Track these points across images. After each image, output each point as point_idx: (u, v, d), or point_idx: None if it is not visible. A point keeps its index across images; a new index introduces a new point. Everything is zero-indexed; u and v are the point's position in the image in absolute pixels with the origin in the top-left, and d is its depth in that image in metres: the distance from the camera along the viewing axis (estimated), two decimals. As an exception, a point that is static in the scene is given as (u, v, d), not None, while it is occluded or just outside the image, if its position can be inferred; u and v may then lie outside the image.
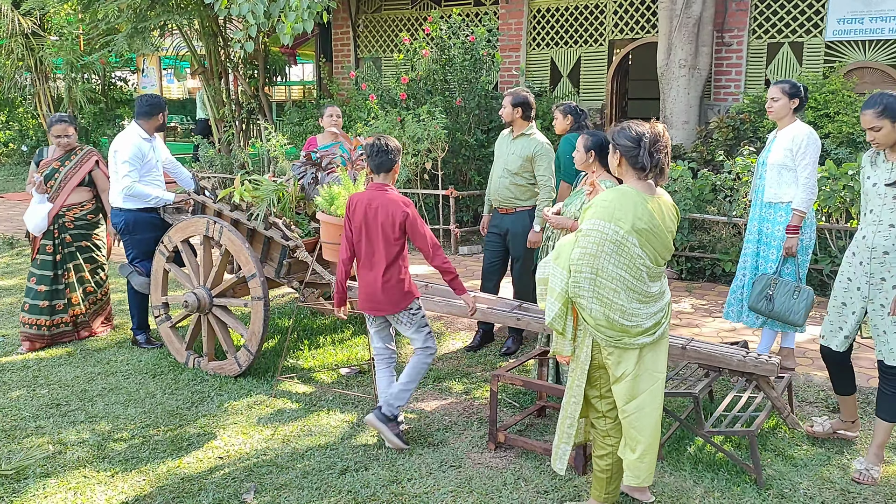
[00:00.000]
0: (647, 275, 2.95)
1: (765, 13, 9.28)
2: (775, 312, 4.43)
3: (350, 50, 12.80)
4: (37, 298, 5.25)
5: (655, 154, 2.95)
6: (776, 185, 4.56)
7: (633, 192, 2.96)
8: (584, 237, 2.93)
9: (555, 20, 10.84)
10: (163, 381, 4.70)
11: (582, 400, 3.08)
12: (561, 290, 2.98)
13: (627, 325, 2.91)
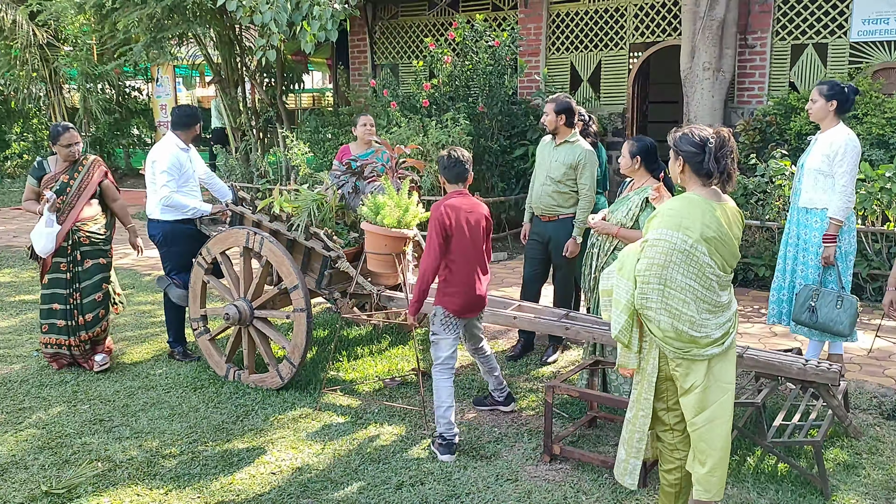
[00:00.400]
0: (717, 284, 2.88)
1: (788, 14, 9.21)
2: (819, 324, 4.35)
3: (367, 57, 12.77)
4: (54, 317, 4.98)
5: (722, 159, 2.87)
6: (812, 190, 4.49)
7: (700, 200, 2.88)
8: (650, 247, 2.85)
9: (574, 24, 10.79)
10: (205, 395, 4.65)
11: (651, 413, 3.02)
12: (627, 302, 2.91)
13: (697, 336, 2.84)
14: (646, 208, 4.11)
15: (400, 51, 12.49)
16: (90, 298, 5.00)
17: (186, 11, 9.89)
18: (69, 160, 4.95)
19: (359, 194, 4.75)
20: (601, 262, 4.34)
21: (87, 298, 4.99)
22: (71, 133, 4.92)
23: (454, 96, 9.51)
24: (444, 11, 11.91)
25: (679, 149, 2.95)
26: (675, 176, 3.02)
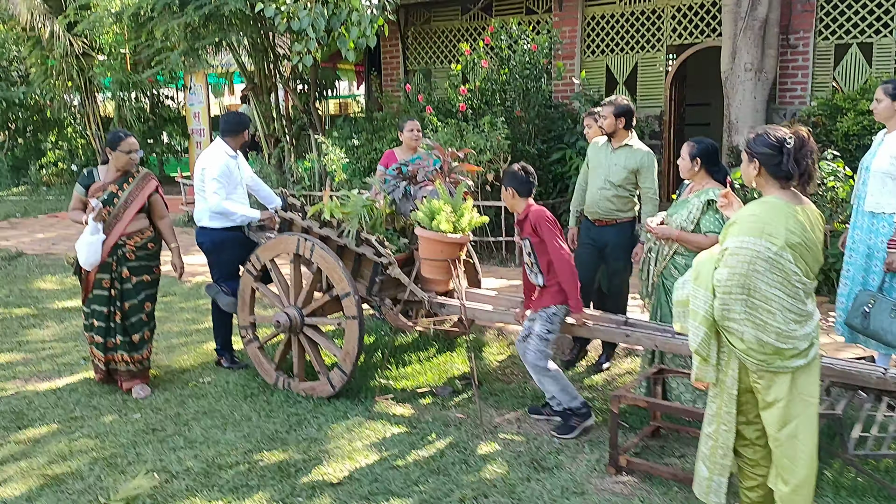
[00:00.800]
0: (803, 292, 2.75)
1: (831, 14, 9.02)
2: (870, 331, 4.17)
3: (399, 62, 12.75)
4: (92, 332, 4.78)
5: (803, 160, 2.75)
6: (878, 193, 4.32)
7: (782, 204, 2.76)
8: (731, 255, 2.72)
9: (609, 27, 10.67)
10: (256, 403, 4.60)
11: (734, 428, 2.88)
12: (705, 314, 2.79)
13: (783, 348, 2.72)
14: (707, 211, 3.98)
15: (433, 56, 12.45)
16: (136, 318, 4.77)
17: (223, 19, 9.93)
18: (126, 168, 4.69)
19: (409, 199, 4.68)
20: (660, 267, 4.22)
21: (134, 317, 4.77)
22: (132, 140, 4.70)
23: (490, 101, 9.43)
24: (477, 16, 11.85)
25: (754, 151, 2.83)
26: (750, 179, 2.90)
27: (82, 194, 4.74)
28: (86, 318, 4.84)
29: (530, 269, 4.15)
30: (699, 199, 4.04)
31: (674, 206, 4.26)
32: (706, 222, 3.97)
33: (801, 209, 2.78)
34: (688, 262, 4.06)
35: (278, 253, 4.72)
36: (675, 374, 4.01)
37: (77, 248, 4.64)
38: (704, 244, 3.94)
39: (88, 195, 4.71)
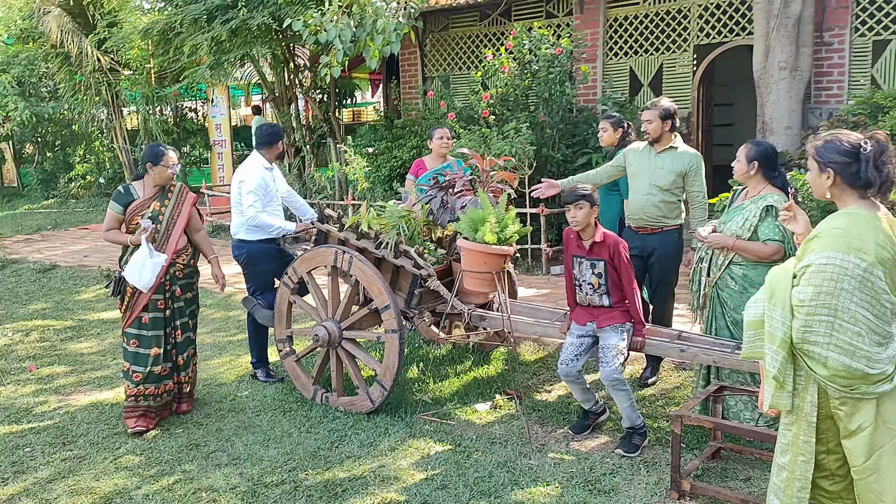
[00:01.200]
0: (891, 312, 2.53)
1: (868, 9, 8.81)
2: None
3: (417, 69, 12.67)
4: (148, 363, 4.39)
5: (883, 167, 2.54)
6: None
7: (867, 215, 2.54)
8: (816, 273, 2.50)
9: (633, 28, 10.51)
10: (295, 419, 4.50)
11: (813, 458, 2.66)
12: (784, 336, 2.56)
13: (871, 373, 2.50)
14: (766, 218, 3.82)
15: (451, 62, 12.35)
16: (186, 336, 4.58)
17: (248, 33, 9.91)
18: (166, 183, 4.47)
19: (447, 209, 4.56)
20: (715, 278, 4.06)
21: (184, 336, 4.57)
22: (173, 154, 4.48)
23: (513, 106, 9.32)
24: (497, 21, 11.75)
25: (827, 159, 2.61)
26: (822, 190, 2.67)
27: (120, 212, 4.43)
28: (141, 345, 4.42)
29: (595, 289, 4.03)
30: (756, 205, 3.88)
31: (727, 213, 4.11)
32: (765, 229, 3.81)
33: (886, 220, 2.57)
34: (745, 272, 3.91)
35: (315, 266, 4.62)
36: (737, 392, 3.84)
37: (130, 271, 4.31)
38: (764, 253, 3.79)
39: (127, 214, 4.41)
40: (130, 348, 4.44)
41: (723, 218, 4.12)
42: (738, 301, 3.94)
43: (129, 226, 4.44)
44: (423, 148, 10.38)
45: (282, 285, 4.77)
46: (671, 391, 4.78)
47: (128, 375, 4.44)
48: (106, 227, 4.52)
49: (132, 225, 4.41)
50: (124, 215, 4.45)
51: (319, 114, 11.82)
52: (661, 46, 10.37)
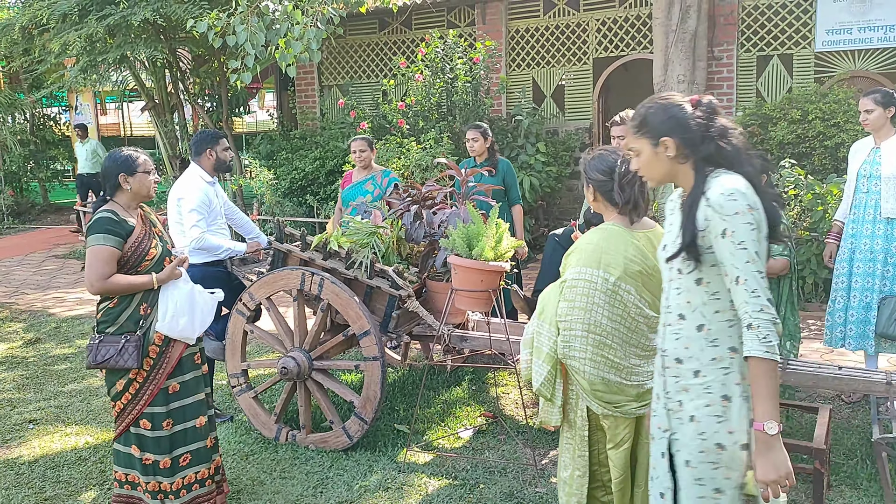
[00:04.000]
0: (647, 326, 2.56)
1: (752, 27, 9.39)
2: None
3: (314, 78, 12.20)
4: (185, 441, 3.35)
5: (627, 187, 2.57)
6: (894, 199, 4.37)
7: (620, 231, 2.58)
8: (570, 288, 2.55)
9: (535, 40, 10.65)
10: (262, 463, 4.03)
11: (587, 473, 2.68)
12: (549, 351, 2.59)
13: (626, 385, 2.54)
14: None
15: (350, 71, 11.99)
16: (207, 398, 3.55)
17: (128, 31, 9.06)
18: (148, 196, 3.32)
19: (422, 224, 4.27)
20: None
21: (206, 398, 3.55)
22: (146, 155, 3.39)
23: (428, 115, 9.13)
24: (398, 30, 11.54)
25: (589, 176, 2.67)
26: (591, 204, 2.76)
27: (119, 248, 3.16)
28: (177, 420, 3.32)
29: None
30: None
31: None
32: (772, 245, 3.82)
33: (645, 234, 2.61)
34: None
35: (277, 290, 4.18)
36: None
37: (172, 323, 3.21)
38: (773, 269, 3.82)
39: (126, 250, 3.19)
40: (149, 434, 3.28)
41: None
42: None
43: (130, 268, 3.21)
44: (326, 159, 9.97)
45: (235, 313, 4.27)
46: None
47: (124, 460, 3.31)
48: (101, 273, 3.11)
49: (141, 267, 3.23)
50: (123, 250, 3.18)
51: (210, 123, 11.06)
52: (561, 59, 10.56)
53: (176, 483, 3.32)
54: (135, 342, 3.16)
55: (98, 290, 3.17)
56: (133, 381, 3.23)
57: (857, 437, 4.04)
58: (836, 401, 4.58)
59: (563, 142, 10.08)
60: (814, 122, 7.92)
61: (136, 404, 3.25)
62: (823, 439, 3.19)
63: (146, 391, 3.25)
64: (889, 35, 8.68)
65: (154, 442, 3.28)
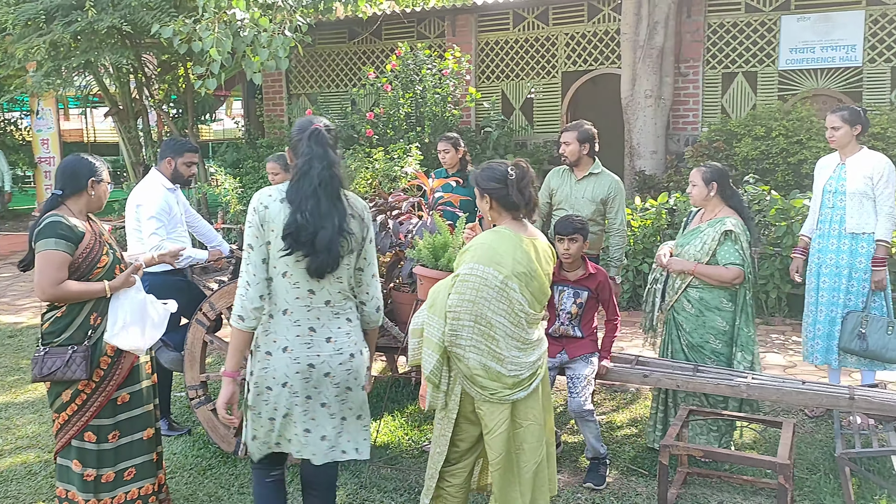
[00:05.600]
0: (527, 321, 2.84)
1: (718, 44, 9.53)
2: (870, 351, 4.25)
3: (282, 86, 12.09)
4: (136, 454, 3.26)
5: (525, 189, 2.85)
6: (858, 215, 4.41)
7: (510, 234, 2.85)
8: (461, 282, 2.79)
9: (504, 52, 10.69)
10: (219, 478, 3.91)
11: (445, 451, 2.95)
12: (438, 340, 2.81)
13: (505, 374, 2.80)
14: (725, 242, 3.85)
15: (319, 80, 11.91)
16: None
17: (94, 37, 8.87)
18: (99, 209, 3.25)
19: (388, 234, 4.21)
20: (670, 301, 4.05)
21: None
22: (102, 161, 3.25)
23: (396, 126, 9.09)
24: (367, 40, 11.50)
25: (483, 186, 2.89)
26: (485, 213, 2.97)
27: (71, 253, 3.03)
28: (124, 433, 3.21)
29: (571, 319, 3.88)
30: (714, 229, 3.90)
31: (683, 236, 4.11)
32: (725, 253, 3.83)
33: (530, 240, 2.87)
34: (702, 295, 3.92)
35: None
36: (707, 415, 3.81)
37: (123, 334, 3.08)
38: (725, 277, 3.81)
39: (77, 256, 3.06)
40: (93, 447, 3.13)
41: (679, 240, 4.13)
42: (695, 324, 3.96)
43: (80, 276, 3.07)
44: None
45: (194, 323, 4.16)
46: (609, 413, 4.73)
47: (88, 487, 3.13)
48: (53, 279, 2.97)
49: (93, 275, 3.11)
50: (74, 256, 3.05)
51: (174, 130, 10.87)
52: (531, 72, 10.61)
53: (118, 498, 3.19)
54: (83, 353, 3.02)
55: (50, 297, 3.02)
56: (81, 392, 3.09)
57: (821, 452, 4.06)
58: (799, 415, 4.61)
59: (532, 154, 10.10)
60: (777, 139, 8.04)
61: (83, 416, 3.11)
62: (787, 454, 3.19)
63: (94, 402, 3.11)
64: (850, 54, 8.87)
65: (97, 456, 3.14)
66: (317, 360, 2.63)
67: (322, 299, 2.65)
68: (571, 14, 10.27)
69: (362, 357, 2.75)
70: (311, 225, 2.50)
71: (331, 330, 2.66)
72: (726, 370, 3.81)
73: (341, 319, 2.69)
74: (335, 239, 2.53)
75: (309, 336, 2.63)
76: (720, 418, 3.85)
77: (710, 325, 3.91)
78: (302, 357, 2.62)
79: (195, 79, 7.44)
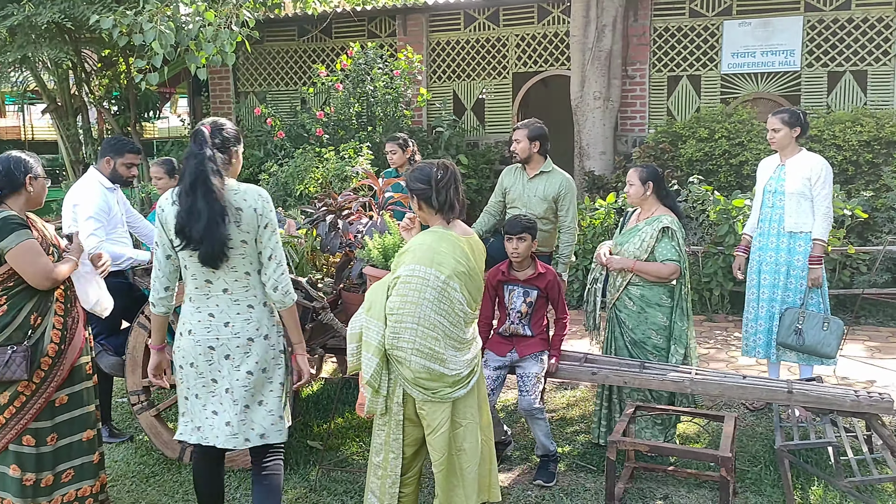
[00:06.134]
0: (464, 320, 2.88)
1: (663, 48, 9.72)
2: (806, 346, 4.39)
3: (230, 83, 11.88)
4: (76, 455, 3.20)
5: (443, 191, 2.89)
6: (795, 214, 4.54)
7: (448, 234, 2.88)
8: (403, 284, 2.79)
9: (455, 53, 10.71)
10: (163, 485, 3.82)
11: (401, 454, 2.93)
12: (378, 344, 2.80)
13: (446, 373, 2.82)
14: (662, 239, 3.93)
15: (268, 78, 11.74)
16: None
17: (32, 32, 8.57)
18: (38, 207, 3.19)
19: (338, 234, 4.17)
20: (612, 299, 4.11)
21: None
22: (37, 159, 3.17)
23: (347, 126, 9.02)
24: (317, 38, 11.38)
25: (410, 187, 2.94)
26: (417, 214, 3.03)
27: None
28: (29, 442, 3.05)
29: (521, 318, 3.89)
30: (651, 227, 3.98)
31: (622, 235, 4.18)
32: (663, 250, 3.91)
33: (465, 239, 2.91)
34: (643, 292, 3.99)
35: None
36: (653, 410, 3.87)
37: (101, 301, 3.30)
38: (664, 273, 3.89)
39: None
40: (32, 451, 3.03)
41: (618, 239, 4.19)
42: (637, 321, 4.03)
43: None
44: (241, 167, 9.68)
45: (136, 327, 4.05)
46: (559, 411, 4.77)
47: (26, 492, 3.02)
48: (44, 267, 3.00)
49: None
50: None
51: (116, 127, 10.58)
52: (482, 72, 10.65)
53: (55, 501, 3.11)
54: (23, 352, 2.95)
55: (52, 283, 3.06)
56: (20, 393, 2.99)
57: (762, 445, 4.17)
58: (740, 409, 4.73)
59: (484, 154, 10.14)
60: (720, 141, 8.24)
61: (21, 418, 3.01)
62: (729, 447, 3.27)
63: (34, 405, 3.02)
64: (789, 59, 9.15)
65: (37, 459, 3.05)
66: (216, 342, 2.79)
67: (219, 288, 2.80)
68: (522, 15, 10.35)
69: (265, 342, 2.82)
70: (187, 221, 2.67)
71: (229, 315, 2.80)
72: (671, 366, 3.88)
73: (241, 306, 2.81)
74: (213, 231, 2.65)
75: (209, 321, 2.81)
76: (665, 413, 3.92)
77: (652, 321, 3.99)
78: (202, 339, 2.80)
79: (137, 74, 7.23)
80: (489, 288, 3.99)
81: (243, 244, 2.76)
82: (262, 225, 2.78)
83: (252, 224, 2.76)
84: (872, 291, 6.49)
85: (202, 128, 2.75)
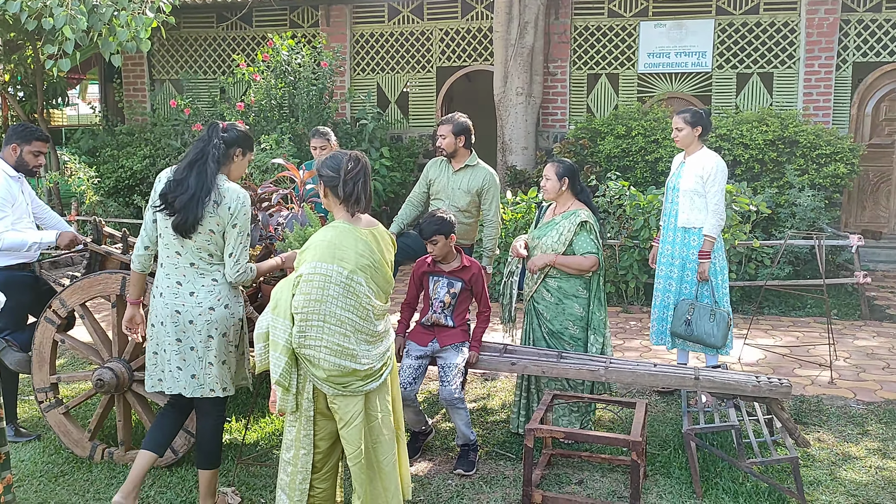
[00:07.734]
0: (374, 314, 2.87)
1: (583, 46, 9.96)
2: (695, 336, 4.59)
3: (144, 70, 11.49)
4: None
5: (356, 183, 2.85)
6: (689, 210, 4.74)
7: (349, 228, 2.85)
8: (306, 282, 2.75)
9: (379, 45, 10.68)
10: (72, 484, 3.68)
11: (312, 451, 2.89)
12: (285, 343, 2.76)
13: (359, 369, 2.80)
14: (580, 232, 4.05)
15: (184, 65, 11.40)
16: None
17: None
18: None
19: (258, 226, 4.10)
20: (530, 291, 4.20)
21: None
22: None
23: (269, 116, 8.87)
24: (236, 25, 11.13)
25: (320, 173, 2.91)
26: (324, 203, 2.98)
27: None
28: None
29: (444, 308, 3.91)
30: (569, 221, 4.08)
31: (539, 229, 4.27)
32: (582, 243, 4.02)
33: (370, 231, 2.90)
34: (560, 284, 4.10)
35: (93, 296, 3.84)
36: (570, 398, 3.98)
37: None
38: (584, 266, 4.00)
39: None
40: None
41: (534, 233, 4.28)
42: (554, 312, 4.13)
43: None
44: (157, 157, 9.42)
45: (44, 321, 3.89)
46: (479, 400, 4.85)
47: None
48: None
49: None
50: None
51: (21, 114, 10.07)
52: (406, 66, 10.65)
53: None
54: None
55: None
56: None
57: (671, 429, 4.35)
58: (652, 395, 4.92)
59: (407, 148, 10.16)
60: (637, 138, 8.52)
61: None
62: (640, 432, 3.40)
63: None
64: (701, 60, 9.53)
65: None
66: (182, 308, 3.17)
67: (187, 261, 3.17)
68: (445, 10, 10.40)
69: (225, 311, 3.21)
70: (175, 189, 3.06)
71: (194, 286, 3.17)
72: (587, 356, 4.01)
73: (206, 279, 3.19)
74: (192, 206, 3.02)
75: (176, 288, 3.18)
76: (581, 401, 4.05)
77: (569, 313, 4.10)
78: (171, 304, 3.18)
79: (46, 59, 6.90)
80: (414, 278, 4.02)
81: (211, 232, 3.12)
82: (231, 224, 3.13)
83: (224, 219, 3.11)
84: (775, 283, 6.85)
85: (219, 122, 3.19)
